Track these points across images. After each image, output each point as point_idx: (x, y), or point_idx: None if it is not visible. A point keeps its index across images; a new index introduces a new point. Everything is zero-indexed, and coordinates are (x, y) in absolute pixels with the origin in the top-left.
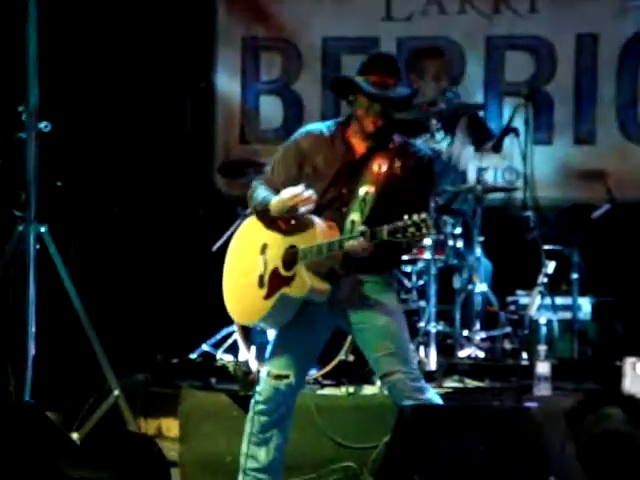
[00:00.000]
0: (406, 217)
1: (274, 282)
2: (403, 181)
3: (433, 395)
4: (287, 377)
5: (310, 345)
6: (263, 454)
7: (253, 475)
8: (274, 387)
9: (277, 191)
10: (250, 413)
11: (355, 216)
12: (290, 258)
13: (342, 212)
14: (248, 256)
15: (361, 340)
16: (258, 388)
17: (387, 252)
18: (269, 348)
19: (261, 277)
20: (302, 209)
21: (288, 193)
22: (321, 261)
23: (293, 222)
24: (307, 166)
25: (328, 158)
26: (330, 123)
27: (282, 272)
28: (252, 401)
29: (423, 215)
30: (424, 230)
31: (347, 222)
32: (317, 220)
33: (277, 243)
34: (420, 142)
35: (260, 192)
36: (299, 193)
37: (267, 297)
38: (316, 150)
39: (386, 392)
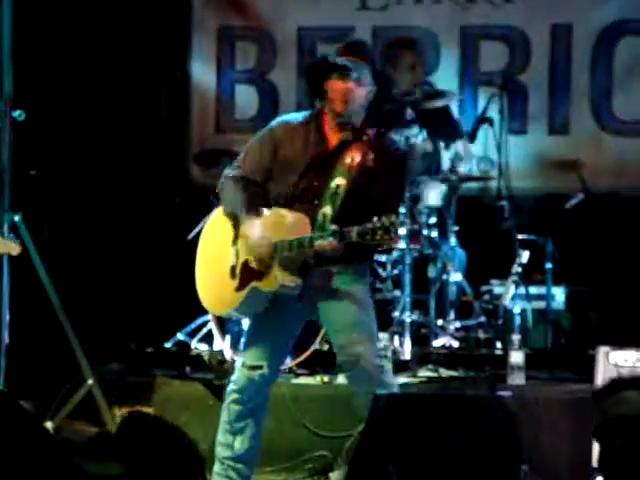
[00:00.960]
0: (375, 219)
1: (245, 274)
2: (376, 174)
3: (390, 387)
4: (261, 368)
5: (283, 337)
6: (238, 443)
7: (228, 464)
8: (248, 377)
9: (248, 181)
10: (225, 402)
11: (327, 209)
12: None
13: (314, 205)
14: (220, 245)
15: (331, 331)
16: (233, 377)
17: (358, 247)
18: (243, 339)
19: (233, 268)
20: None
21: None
22: (293, 258)
23: (264, 216)
24: (280, 156)
25: (301, 149)
26: (306, 113)
27: (254, 266)
28: (227, 390)
29: (392, 218)
30: (392, 234)
31: (319, 215)
32: (289, 214)
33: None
34: (395, 134)
35: (229, 194)
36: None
37: (238, 289)
38: (290, 140)
39: (347, 381)
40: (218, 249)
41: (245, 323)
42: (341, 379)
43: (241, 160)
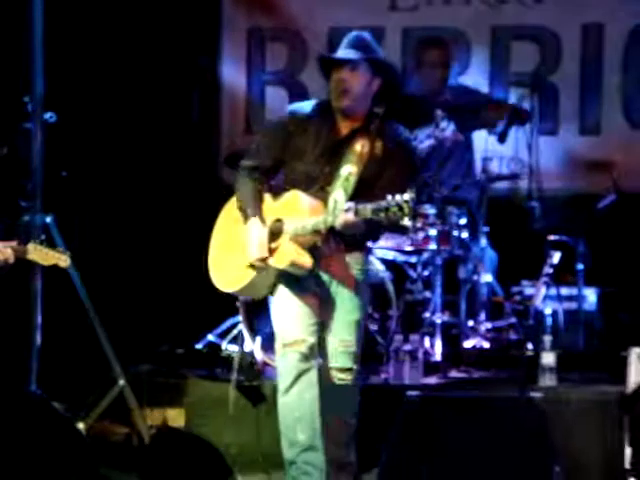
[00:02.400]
0: (389, 197)
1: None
2: (385, 162)
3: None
4: (304, 341)
5: (308, 309)
6: (301, 435)
7: (300, 461)
8: (296, 353)
9: (261, 169)
10: (279, 402)
11: (338, 195)
12: (275, 230)
13: (325, 191)
14: (235, 228)
15: (328, 320)
16: (279, 371)
17: (369, 230)
18: (275, 329)
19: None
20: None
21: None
22: (306, 239)
23: (280, 197)
24: (292, 145)
25: (312, 137)
26: (315, 103)
27: (267, 245)
28: (279, 385)
29: (406, 196)
30: (406, 211)
31: (330, 201)
32: (304, 197)
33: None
34: (423, 132)
35: (242, 187)
36: None
37: (251, 266)
38: (302, 129)
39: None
40: (233, 232)
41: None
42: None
43: (254, 150)
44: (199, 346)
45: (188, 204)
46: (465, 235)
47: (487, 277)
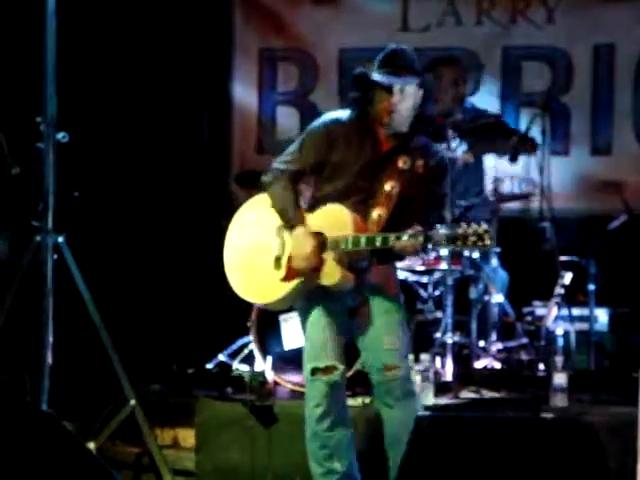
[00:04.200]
0: (464, 225)
1: (293, 267)
2: (424, 180)
3: (417, 403)
4: (336, 368)
5: (339, 331)
6: (338, 463)
7: None
8: (327, 383)
9: (301, 172)
10: (309, 429)
11: (381, 210)
12: (320, 244)
13: (367, 205)
14: (262, 234)
15: (369, 325)
16: (309, 397)
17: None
18: (305, 348)
19: (278, 259)
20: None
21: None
22: (351, 256)
23: (318, 209)
24: (335, 154)
25: (355, 151)
26: (351, 113)
27: (311, 259)
28: (308, 415)
29: (484, 226)
30: (487, 241)
31: (373, 216)
32: (348, 212)
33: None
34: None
35: (280, 192)
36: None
37: (286, 279)
38: (344, 140)
39: (373, 381)
40: (259, 237)
41: (289, 343)
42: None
43: (295, 154)
44: (210, 366)
45: (200, 223)
46: (476, 255)
47: (498, 297)
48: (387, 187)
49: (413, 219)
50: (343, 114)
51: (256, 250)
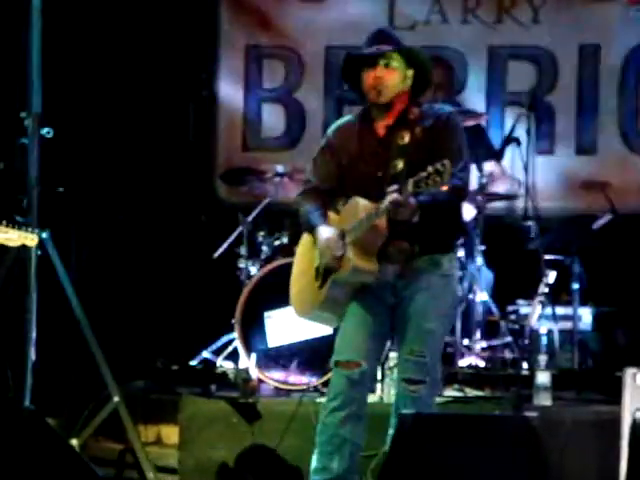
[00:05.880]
0: (429, 166)
1: (326, 272)
2: (428, 143)
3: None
4: (358, 365)
5: (374, 329)
6: (336, 463)
7: None
8: (347, 377)
9: (320, 190)
10: (321, 418)
11: (393, 190)
12: (340, 241)
13: (382, 190)
14: (306, 255)
15: (399, 329)
16: (329, 388)
17: (433, 220)
18: (337, 340)
19: (317, 269)
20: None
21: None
22: (368, 240)
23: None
24: (343, 158)
25: (357, 146)
26: (357, 112)
27: (333, 258)
28: (323, 405)
29: (445, 161)
30: (445, 175)
31: (387, 198)
32: (361, 200)
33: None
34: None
35: (304, 215)
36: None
37: (321, 286)
38: (346, 141)
39: (393, 392)
40: (306, 260)
41: (272, 340)
42: (369, 398)
43: (310, 173)
44: (194, 363)
45: (184, 220)
46: (461, 254)
47: (482, 296)
48: (393, 168)
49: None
50: (344, 119)
51: (304, 272)
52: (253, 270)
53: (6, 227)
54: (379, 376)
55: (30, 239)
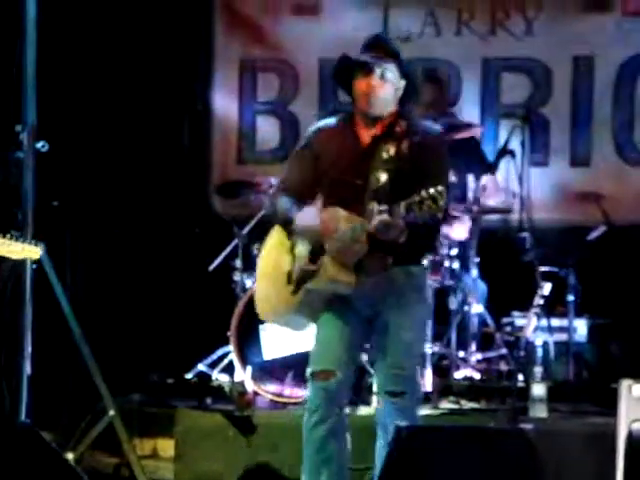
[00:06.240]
0: (422, 191)
1: (300, 278)
2: (414, 160)
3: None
4: (334, 374)
5: (349, 339)
6: (325, 478)
7: None
8: (323, 388)
9: (293, 193)
10: (304, 433)
11: (374, 204)
12: (316, 251)
13: (360, 201)
14: (276, 258)
15: (377, 342)
16: (308, 400)
17: (415, 238)
18: (312, 351)
19: (289, 274)
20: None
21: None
22: (347, 253)
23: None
24: (322, 162)
25: (338, 151)
26: (339, 116)
27: (308, 266)
28: (305, 421)
29: (440, 188)
30: (441, 202)
31: (367, 211)
32: (341, 211)
33: (304, 239)
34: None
35: (276, 208)
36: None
37: (294, 292)
38: (327, 145)
39: (379, 406)
40: (274, 262)
41: (267, 354)
42: (363, 410)
43: (286, 173)
44: (189, 376)
45: (179, 233)
46: (456, 266)
47: (478, 308)
48: (375, 179)
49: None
50: (326, 121)
51: (271, 275)
52: (248, 283)
53: (10, 240)
54: (375, 388)
55: (34, 252)
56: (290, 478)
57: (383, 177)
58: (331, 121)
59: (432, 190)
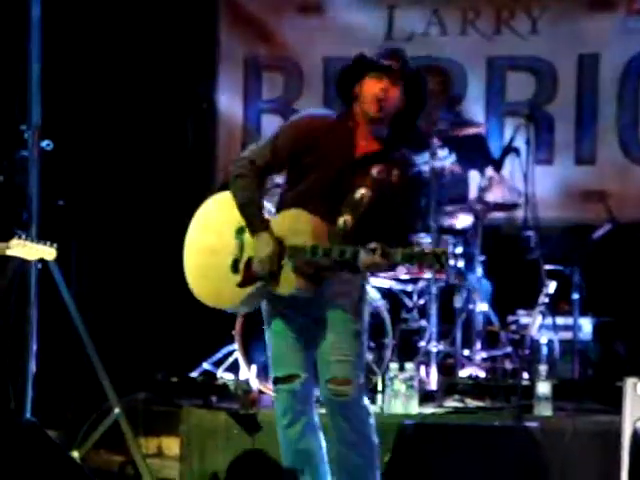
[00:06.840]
0: (423, 246)
1: (251, 271)
2: (398, 191)
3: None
4: (298, 376)
5: (304, 340)
6: (309, 477)
7: None
8: (288, 392)
9: (270, 168)
10: (280, 438)
11: (348, 217)
12: (279, 251)
13: (335, 210)
14: (221, 234)
15: (323, 334)
16: (276, 407)
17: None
18: (269, 356)
19: (236, 262)
20: None
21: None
22: (311, 264)
23: (281, 212)
24: (307, 155)
25: (330, 153)
26: (330, 114)
27: (264, 265)
28: (277, 425)
29: (445, 249)
30: (444, 263)
31: (339, 221)
32: (310, 217)
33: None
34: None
35: (243, 193)
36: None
37: (242, 285)
38: (322, 139)
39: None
40: (218, 237)
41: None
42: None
43: (268, 146)
44: (194, 374)
45: (184, 232)
46: (461, 264)
47: (483, 306)
48: (358, 194)
49: (383, 230)
50: (325, 112)
51: (213, 250)
52: None
53: (25, 240)
54: (379, 387)
55: (48, 253)
56: (295, 476)
57: (367, 195)
58: (327, 115)
59: (439, 251)
